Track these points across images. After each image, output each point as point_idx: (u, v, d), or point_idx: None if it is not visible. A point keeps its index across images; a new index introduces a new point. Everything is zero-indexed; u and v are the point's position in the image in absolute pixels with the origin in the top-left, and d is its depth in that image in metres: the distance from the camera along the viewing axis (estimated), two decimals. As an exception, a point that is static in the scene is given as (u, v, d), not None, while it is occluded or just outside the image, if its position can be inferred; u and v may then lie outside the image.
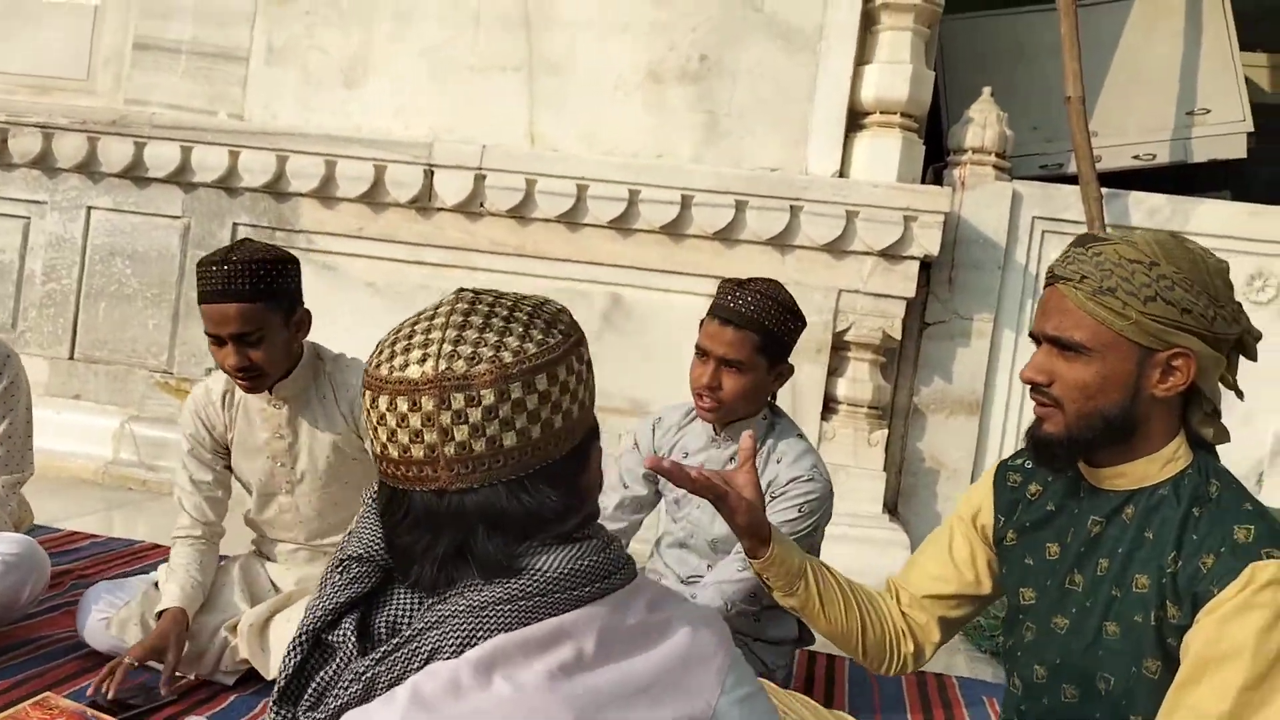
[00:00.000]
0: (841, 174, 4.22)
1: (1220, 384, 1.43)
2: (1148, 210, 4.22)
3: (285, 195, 4.53)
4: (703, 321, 2.26)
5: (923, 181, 4.36)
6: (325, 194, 4.46)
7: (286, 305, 2.25)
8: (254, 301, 2.17)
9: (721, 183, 4.17)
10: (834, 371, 4.24)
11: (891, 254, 4.11)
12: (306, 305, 2.32)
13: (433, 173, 4.35)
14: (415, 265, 4.45)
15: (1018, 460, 1.60)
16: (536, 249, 4.35)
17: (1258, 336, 1.41)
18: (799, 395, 4.20)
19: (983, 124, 4.33)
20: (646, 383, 4.32)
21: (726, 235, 4.20)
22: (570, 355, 0.96)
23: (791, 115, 4.25)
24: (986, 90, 4.42)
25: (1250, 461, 4.29)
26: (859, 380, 4.21)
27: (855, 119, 4.27)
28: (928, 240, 4.08)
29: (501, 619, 0.91)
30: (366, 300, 4.48)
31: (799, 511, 2.21)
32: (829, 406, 4.24)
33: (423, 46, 4.49)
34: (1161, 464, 1.39)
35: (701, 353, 2.21)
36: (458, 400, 0.90)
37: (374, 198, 4.42)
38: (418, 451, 0.91)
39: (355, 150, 4.40)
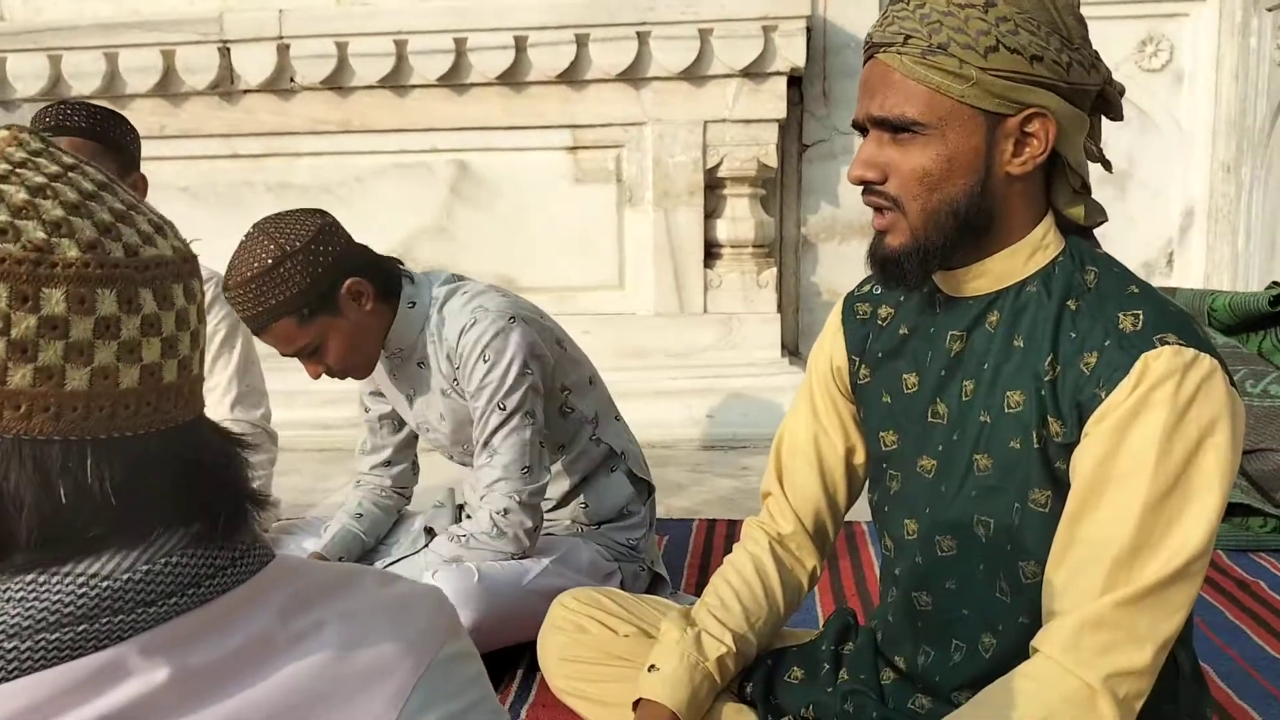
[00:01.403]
0: (690, -12, 3.76)
1: (1084, 156, 1.16)
2: (1027, -16, 3.84)
3: (68, 102, 3.94)
4: None
5: (781, -15, 3.91)
6: (113, 92, 3.88)
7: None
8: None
9: (557, 15, 3.69)
10: (711, 213, 3.87)
11: (755, 72, 3.70)
12: None
13: (229, 50, 3.79)
14: (230, 160, 3.94)
15: (864, 288, 1.35)
16: (364, 122, 3.85)
17: (1121, 90, 1.16)
18: (676, 248, 3.84)
19: (839, -89, 3.87)
20: (511, 256, 3.92)
21: (572, 76, 3.74)
22: None
23: (625, -72, 3.75)
24: (839, -128, 3.94)
25: (1160, 241, 4.06)
26: (739, 219, 3.85)
27: (697, -77, 3.79)
28: (792, 51, 3.67)
29: (23, 659, 0.57)
30: (185, 209, 3.95)
31: (485, 361, 1.81)
32: (711, 252, 3.89)
33: (192, -97, 3.87)
34: (1027, 255, 1.13)
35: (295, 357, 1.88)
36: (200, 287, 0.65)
37: (168, 89, 3.87)
38: (196, 365, 0.63)
39: (137, 37, 3.82)
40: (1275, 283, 3.37)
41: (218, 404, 2.21)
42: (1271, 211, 3.69)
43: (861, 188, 1.14)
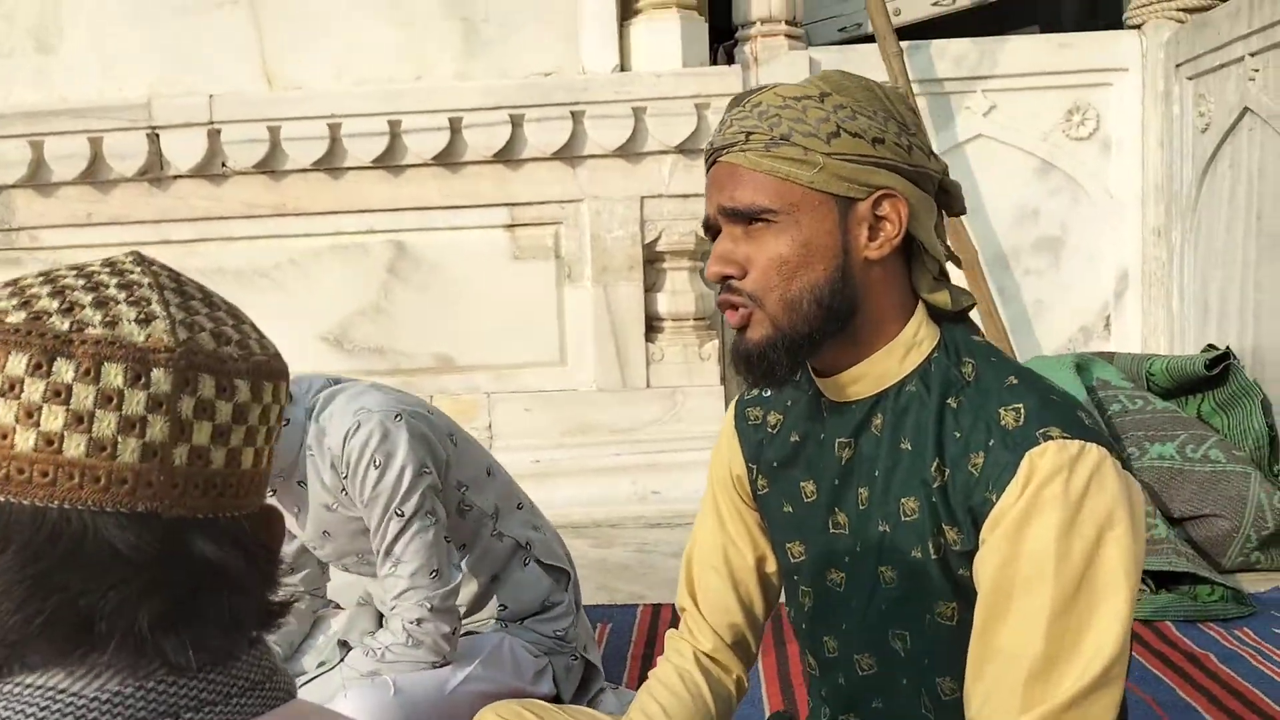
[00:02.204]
0: (622, 68, 3.78)
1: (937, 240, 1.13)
2: (953, 59, 3.91)
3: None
4: None
5: (713, 63, 3.96)
6: (39, 181, 3.82)
7: None
8: None
9: (491, 97, 3.69)
10: (651, 287, 3.86)
11: (690, 149, 3.71)
12: None
13: (158, 136, 3.74)
14: (162, 246, 3.84)
15: (753, 391, 1.29)
16: (298, 205, 3.80)
17: (958, 186, 1.15)
18: (617, 323, 3.81)
19: (769, -10, 3.94)
20: (450, 335, 3.87)
21: (507, 156, 3.73)
22: None
23: (558, 9, 3.77)
24: (768, -48, 4.01)
25: (1096, 306, 4.10)
26: (679, 292, 3.84)
27: (629, 3, 3.83)
28: (727, 127, 3.69)
29: None
30: (113, 295, 3.87)
31: (376, 467, 1.68)
32: (652, 326, 3.87)
33: (120, -10, 3.84)
34: (902, 353, 1.10)
35: None
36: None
37: (96, 175, 3.80)
38: (173, 455, 0.60)
39: (63, 124, 3.75)
40: (1211, 345, 3.41)
41: None
42: (1202, 275, 3.74)
43: (717, 290, 1.11)
